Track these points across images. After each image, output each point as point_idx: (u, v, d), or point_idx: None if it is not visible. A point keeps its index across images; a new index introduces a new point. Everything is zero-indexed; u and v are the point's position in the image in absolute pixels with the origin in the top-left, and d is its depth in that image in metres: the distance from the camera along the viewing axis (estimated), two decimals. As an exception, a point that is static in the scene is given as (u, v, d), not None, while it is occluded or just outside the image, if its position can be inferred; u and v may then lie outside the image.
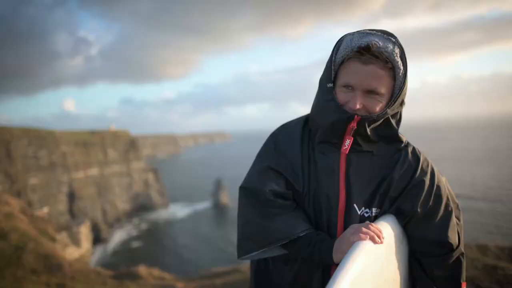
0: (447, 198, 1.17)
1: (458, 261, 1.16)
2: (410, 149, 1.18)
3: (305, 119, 1.26)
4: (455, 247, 1.14)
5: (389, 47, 1.03)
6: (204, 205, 63.36)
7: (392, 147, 1.17)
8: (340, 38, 1.08)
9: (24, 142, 45.27)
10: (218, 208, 60.57)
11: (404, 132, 1.22)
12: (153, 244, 44.64)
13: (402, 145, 1.18)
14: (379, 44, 1.02)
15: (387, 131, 1.13)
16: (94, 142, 56.42)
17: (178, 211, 61.16)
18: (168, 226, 53.59)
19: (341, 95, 1.09)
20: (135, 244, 45.33)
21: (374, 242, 0.98)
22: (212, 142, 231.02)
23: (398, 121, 1.15)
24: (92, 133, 58.30)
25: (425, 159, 1.19)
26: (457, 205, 1.24)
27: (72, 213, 46.95)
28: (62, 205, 47.43)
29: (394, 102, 1.08)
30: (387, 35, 1.04)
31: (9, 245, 4.85)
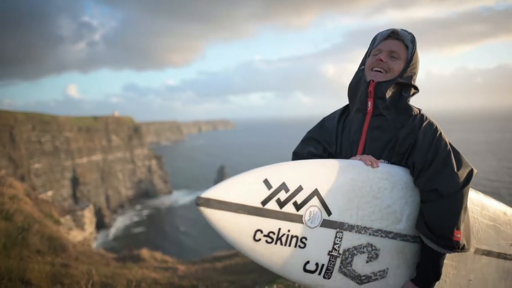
0: (447, 154, 1.36)
1: (453, 210, 1.31)
2: (418, 116, 1.44)
3: (346, 105, 1.62)
4: (446, 194, 1.31)
5: (406, 34, 1.47)
6: (207, 192, 63.69)
7: (403, 116, 1.44)
8: (376, 35, 1.53)
9: (28, 127, 45.47)
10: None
11: None
12: (155, 230, 45.12)
13: (413, 113, 1.45)
14: (402, 32, 1.48)
15: (399, 101, 1.44)
16: (98, 128, 56.55)
17: (181, 198, 61.52)
18: (171, 212, 54.01)
19: (371, 60, 1.49)
20: (137, 229, 45.85)
21: (366, 163, 1.36)
22: (215, 130, 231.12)
23: (409, 96, 1.45)
24: (96, 118, 58.41)
25: (430, 122, 1.43)
26: (467, 165, 1.40)
27: (75, 198, 47.42)
28: (65, 190, 47.89)
29: (405, 71, 1.43)
30: (404, 30, 1.49)
31: (14, 226, 4.95)
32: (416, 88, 1.48)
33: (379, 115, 1.45)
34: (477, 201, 1.61)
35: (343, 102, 1.64)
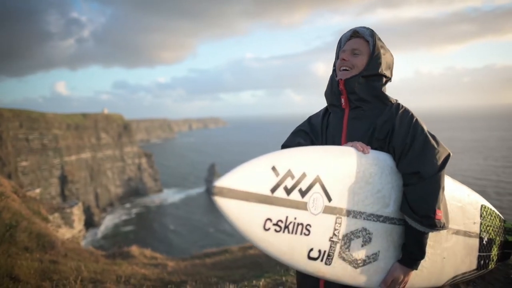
0: (424, 139, 1.45)
1: (433, 191, 1.40)
2: (395, 105, 1.54)
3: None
4: (426, 176, 1.40)
5: (364, 31, 1.58)
6: (197, 190, 63.36)
7: (379, 104, 1.55)
8: (340, 37, 1.63)
9: (15, 124, 44.66)
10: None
11: None
12: (145, 229, 44.77)
13: (389, 102, 1.55)
14: (361, 29, 1.59)
15: (372, 91, 1.53)
16: (87, 125, 55.81)
17: (171, 196, 61.03)
18: (161, 211, 53.61)
19: (338, 62, 1.59)
20: (127, 228, 45.46)
21: (358, 149, 1.42)
22: (206, 128, 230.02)
23: (380, 84, 1.55)
24: (85, 116, 57.64)
25: (405, 110, 1.52)
26: (444, 149, 1.48)
27: (64, 196, 46.82)
28: (53, 188, 47.23)
29: (370, 63, 1.53)
30: (363, 27, 1.59)
31: (2, 223, 4.90)
32: (386, 77, 1.57)
33: (355, 108, 1.56)
34: (447, 184, 1.68)
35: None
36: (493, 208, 1.98)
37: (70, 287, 2.99)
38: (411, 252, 1.46)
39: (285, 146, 1.68)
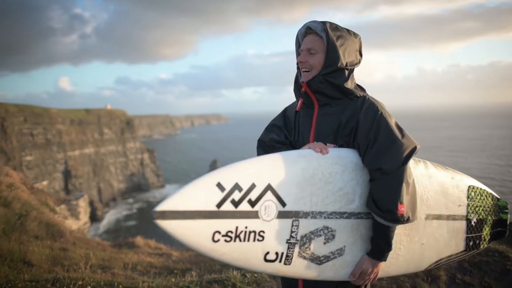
0: (387, 134, 1.45)
1: (395, 186, 1.40)
2: (361, 99, 1.53)
3: None
4: (389, 172, 1.41)
5: (316, 26, 1.53)
6: (200, 186, 63.34)
7: (346, 100, 1.54)
8: (297, 34, 1.60)
9: (20, 119, 44.97)
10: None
11: (399, 119, 1.58)
12: (146, 224, 44.96)
13: (356, 97, 1.55)
14: (313, 25, 1.54)
15: (335, 89, 1.53)
16: (90, 121, 56.07)
17: (173, 192, 61.01)
18: (163, 206, 53.67)
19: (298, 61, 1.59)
20: (129, 223, 45.69)
21: (316, 151, 1.46)
22: (208, 124, 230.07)
23: (343, 81, 1.52)
24: (88, 111, 57.89)
25: (371, 104, 1.51)
26: (408, 143, 1.47)
27: (67, 190, 47.11)
28: (57, 182, 47.57)
29: (327, 60, 1.51)
30: (315, 21, 1.54)
31: (13, 212, 5.07)
32: (348, 68, 1.53)
33: (324, 105, 1.56)
34: (425, 171, 1.72)
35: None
36: (484, 187, 1.97)
37: (80, 272, 3.15)
38: (378, 245, 1.48)
39: (260, 141, 1.71)
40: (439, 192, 1.76)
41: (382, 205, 1.42)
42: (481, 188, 1.96)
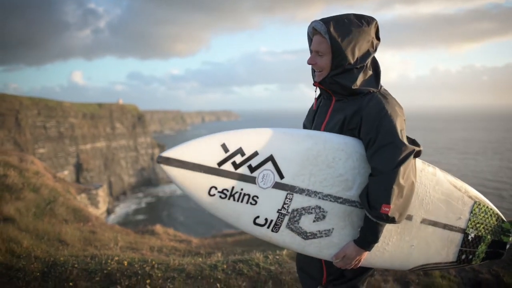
0: (388, 134, 1.46)
1: (385, 185, 1.43)
2: (369, 96, 1.55)
3: None
4: (383, 172, 1.43)
5: (320, 27, 1.53)
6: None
7: (358, 97, 1.57)
8: (307, 31, 1.62)
9: (33, 112, 45.79)
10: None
11: (411, 120, 1.61)
12: (155, 219, 45.33)
13: (366, 94, 1.56)
14: (317, 26, 1.54)
15: (344, 89, 1.56)
16: (102, 115, 56.76)
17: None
18: (171, 202, 54.02)
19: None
20: (138, 217, 46.17)
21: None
22: (218, 121, 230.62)
23: (352, 82, 1.54)
24: (100, 105, 58.58)
25: (377, 101, 1.52)
26: (407, 146, 1.48)
27: (79, 184, 47.85)
28: (69, 175, 48.40)
29: (334, 62, 1.53)
30: (320, 23, 1.53)
31: (42, 198, 5.33)
32: (357, 66, 1.53)
33: (339, 100, 1.61)
34: (432, 177, 1.72)
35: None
36: (491, 207, 1.91)
37: (112, 251, 3.37)
38: (365, 235, 1.52)
39: None
40: (442, 200, 1.75)
41: (370, 201, 1.47)
42: (487, 207, 1.90)
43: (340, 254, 1.57)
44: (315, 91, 1.70)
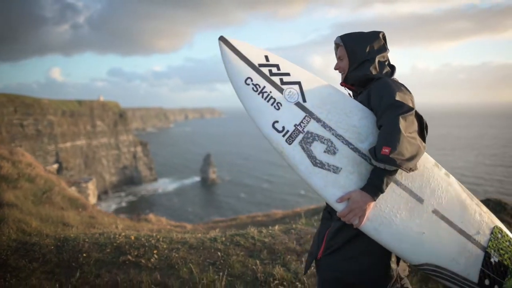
0: (389, 99, 1.60)
1: (387, 131, 1.52)
2: (375, 80, 1.77)
3: None
4: (385, 123, 1.54)
5: (338, 39, 1.91)
6: (192, 180, 63.05)
7: (371, 83, 1.80)
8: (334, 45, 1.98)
9: (10, 110, 44.51)
10: (206, 184, 60.45)
11: None
12: (139, 217, 44.77)
13: (377, 79, 1.78)
14: (336, 40, 1.92)
15: (361, 79, 1.83)
16: (82, 112, 55.62)
17: (166, 185, 60.83)
18: (155, 200, 53.33)
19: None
20: (121, 216, 45.55)
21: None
22: (202, 118, 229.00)
23: (365, 71, 1.80)
24: (80, 103, 57.38)
25: (384, 81, 1.71)
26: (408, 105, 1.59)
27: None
28: (49, 174, 47.33)
29: (351, 62, 1.84)
30: (337, 37, 1.92)
31: (38, 188, 5.46)
32: (368, 59, 1.79)
33: (361, 93, 1.85)
34: (445, 177, 1.73)
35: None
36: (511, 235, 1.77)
37: (115, 232, 3.61)
38: (371, 182, 1.55)
39: None
40: (456, 201, 1.71)
41: (375, 148, 1.54)
42: (510, 236, 1.77)
43: (345, 197, 1.58)
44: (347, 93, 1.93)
